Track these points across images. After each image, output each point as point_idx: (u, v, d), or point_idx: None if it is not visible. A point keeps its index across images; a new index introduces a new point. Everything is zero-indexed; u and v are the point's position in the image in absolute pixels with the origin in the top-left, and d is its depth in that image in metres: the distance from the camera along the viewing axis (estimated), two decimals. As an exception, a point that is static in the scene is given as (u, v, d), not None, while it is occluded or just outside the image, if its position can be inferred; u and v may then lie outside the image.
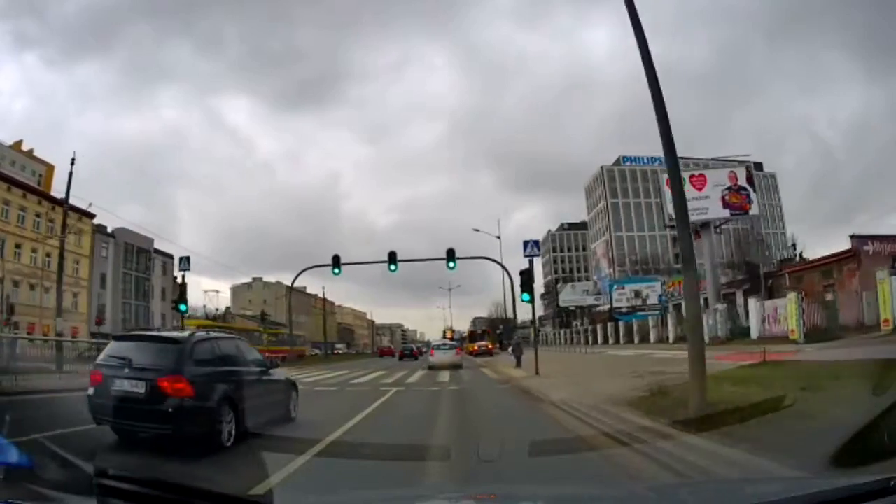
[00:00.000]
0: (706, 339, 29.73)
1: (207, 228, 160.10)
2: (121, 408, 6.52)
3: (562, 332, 73.95)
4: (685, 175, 35.02)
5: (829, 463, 3.65)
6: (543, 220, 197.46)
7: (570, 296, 70.35)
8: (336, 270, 29.18)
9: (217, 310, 79.82)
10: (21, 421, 4.67)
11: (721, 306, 30.98)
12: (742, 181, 35.37)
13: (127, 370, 6.72)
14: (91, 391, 6.93)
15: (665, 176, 35.18)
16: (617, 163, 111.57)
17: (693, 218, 35.22)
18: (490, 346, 50.21)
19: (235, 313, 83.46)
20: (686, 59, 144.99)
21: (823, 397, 6.74)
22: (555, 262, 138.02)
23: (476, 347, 50.06)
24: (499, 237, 46.26)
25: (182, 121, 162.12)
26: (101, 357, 7.52)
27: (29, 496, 1.97)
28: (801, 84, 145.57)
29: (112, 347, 7.57)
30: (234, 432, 7.00)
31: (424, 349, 47.84)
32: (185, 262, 28.94)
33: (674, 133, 7.79)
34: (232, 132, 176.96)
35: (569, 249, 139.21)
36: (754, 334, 29.00)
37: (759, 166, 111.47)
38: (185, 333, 8.63)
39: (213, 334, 8.72)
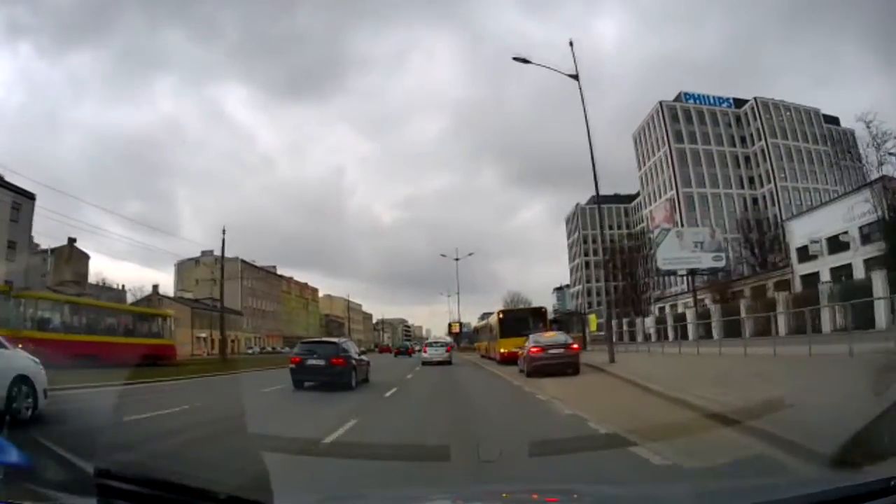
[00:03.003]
0: None
1: (206, 221, 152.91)
2: (313, 372, 15.41)
3: (643, 321, 44.50)
4: None
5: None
6: (549, 216, 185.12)
7: (673, 252, 44.66)
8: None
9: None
10: None
11: None
12: None
13: (315, 355, 15.70)
14: (293, 366, 15.82)
15: None
16: (678, 100, 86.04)
17: None
18: (575, 347, 18.94)
19: (175, 294, 62.84)
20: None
21: None
22: (585, 241, 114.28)
23: (539, 349, 18.47)
24: (576, 76, 21.58)
25: (179, 111, 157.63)
26: (296, 350, 17.12)
27: (29, 496, 1.96)
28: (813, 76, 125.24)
29: (301, 346, 17.03)
30: (355, 382, 15.94)
31: (417, 347, 52.24)
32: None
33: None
34: (231, 123, 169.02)
35: (601, 228, 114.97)
36: None
37: (834, 120, 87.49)
38: (338, 339, 17.71)
39: (347, 338, 20.08)
